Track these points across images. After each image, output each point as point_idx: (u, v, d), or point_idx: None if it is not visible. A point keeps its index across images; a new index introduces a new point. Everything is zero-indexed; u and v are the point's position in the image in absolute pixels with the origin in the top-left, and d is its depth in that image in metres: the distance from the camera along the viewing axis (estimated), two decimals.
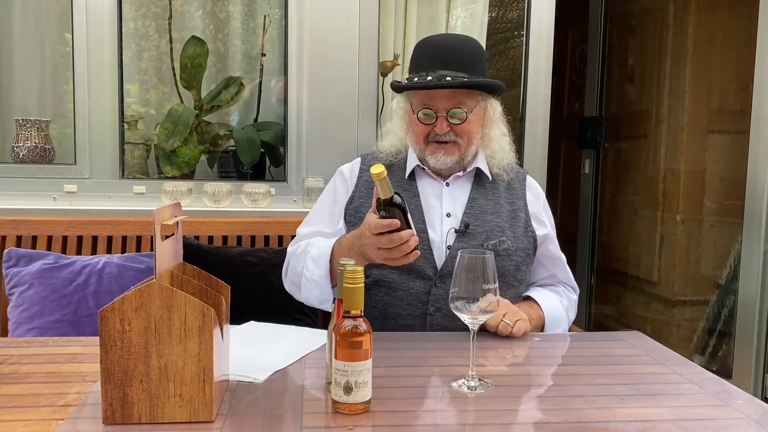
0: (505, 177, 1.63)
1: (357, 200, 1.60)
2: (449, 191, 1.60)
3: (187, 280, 1.06)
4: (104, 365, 0.92)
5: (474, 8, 2.51)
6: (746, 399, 1.09)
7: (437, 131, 1.53)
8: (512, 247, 1.55)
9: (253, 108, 2.58)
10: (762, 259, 2.46)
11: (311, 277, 1.49)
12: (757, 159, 2.48)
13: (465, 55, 1.55)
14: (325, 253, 1.48)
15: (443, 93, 1.52)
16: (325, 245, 1.50)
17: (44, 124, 2.35)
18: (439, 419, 1.01)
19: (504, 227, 1.56)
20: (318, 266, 1.48)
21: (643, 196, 3.30)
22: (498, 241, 1.53)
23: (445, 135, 1.54)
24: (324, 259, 1.48)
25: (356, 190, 1.62)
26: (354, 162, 1.71)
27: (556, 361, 1.34)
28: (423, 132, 1.56)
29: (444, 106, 1.52)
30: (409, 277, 1.52)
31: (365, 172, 1.63)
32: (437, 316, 1.50)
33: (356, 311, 0.99)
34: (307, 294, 1.52)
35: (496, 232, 1.55)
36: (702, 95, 2.99)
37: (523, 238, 1.59)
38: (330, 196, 1.68)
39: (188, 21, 2.52)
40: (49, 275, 1.84)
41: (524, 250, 1.58)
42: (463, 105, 1.53)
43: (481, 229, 1.54)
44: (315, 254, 1.50)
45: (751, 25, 2.57)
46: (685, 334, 3.08)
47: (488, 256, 1.10)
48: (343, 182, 1.67)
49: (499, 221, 1.57)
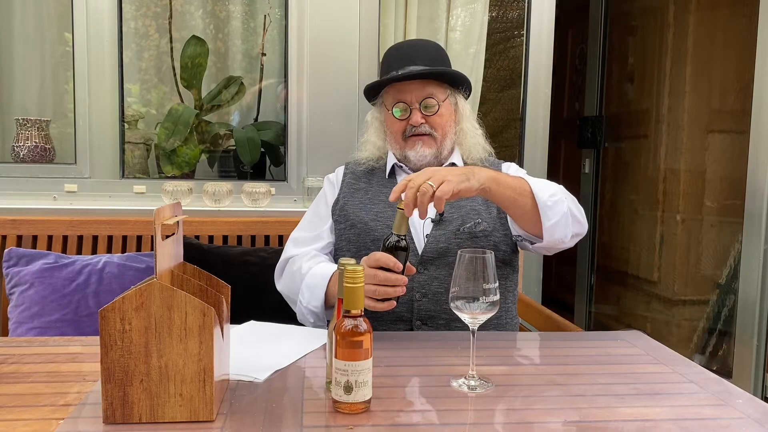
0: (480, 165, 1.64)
1: (341, 200, 1.67)
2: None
3: (188, 280, 1.06)
4: (104, 365, 0.92)
5: (474, 8, 2.51)
6: (746, 398, 1.09)
7: (412, 123, 1.60)
8: (489, 228, 1.57)
9: (254, 108, 2.58)
10: (762, 258, 2.46)
11: (307, 306, 1.52)
12: (757, 158, 2.48)
13: (429, 52, 1.68)
14: (321, 283, 1.50)
15: (413, 86, 1.60)
16: (321, 274, 1.51)
17: (44, 123, 2.35)
18: (439, 419, 1.01)
19: (480, 210, 1.58)
20: (313, 296, 1.50)
21: (643, 196, 3.31)
22: (473, 224, 1.56)
23: (421, 126, 1.60)
24: (320, 290, 1.49)
25: (341, 192, 1.69)
26: (338, 169, 1.78)
27: (557, 360, 1.34)
28: (400, 128, 1.63)
29: (415, 98, 1.60)
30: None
31: (347, 176, 1.72)
32: (424, 301, 1.53)
33: (356, 311, 0.99)
34: (302, 318, 1.57)
35: (471, 215, 1.57)
36: (702, 95, 2.99)
37: (497, 220, 1.59)
38: (321, 199, 1.75)
39: (188, 20, 2.52)
40: (50, 275, 1.84)
41: (501, 231, 1.58)
42: (434, 96, 1.61)
43: (456, 214, 1.57)
44: (311, 283, 1.52)
45: (751, 24, 2.57)
46: (685, 334, 3.08)
47: (488, 256, 1.10)
48: (331, 187, 1.74)
49: (473, 204, 1.59)
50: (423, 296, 1.53)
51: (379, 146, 1.71)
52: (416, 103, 1.60)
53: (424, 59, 1.63)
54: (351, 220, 1.61)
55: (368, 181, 1.70)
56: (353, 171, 1.74)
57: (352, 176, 1.72)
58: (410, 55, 1.64)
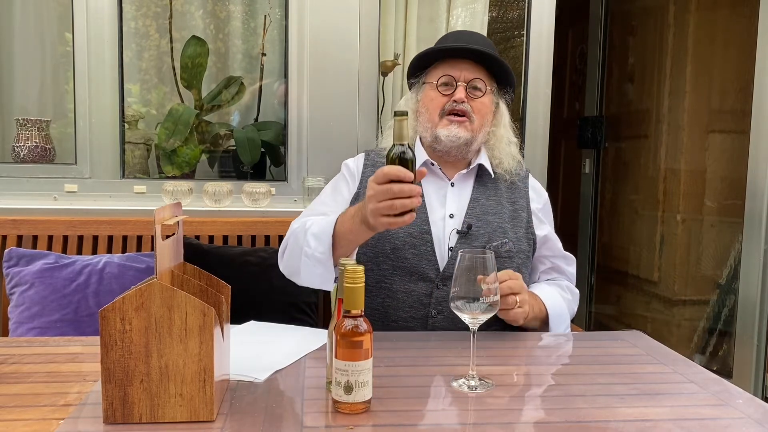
0: (508, 177, 1.64)
1: (361, 197, 1.56)
2: (453, 192, 1.60)
3: (188, 280, 1.06)
4: (105, 365, 0.92)
5: (474, 8, 2.51)
6: (746, 398, 1.09)
7: (456, 98, 1.54)
8: (514, 249, 1.55)
9: (254, 108, 2.58)
10: (762, 258, 2.46)
11: (312, 254, 1.40)
12: (757, 158, 2.48)
13: (486, 41, 1.65)
14: (327, 228, 1.39)
15: (466, 65, 1.56)
16: (328, 220, 1.43)
17: (45, 123, 2.35)
18: (439, 419, 1.01)
19: (506, 228, 1.56)
20: (320, 242, 1.39)
21: (643, 196, 3.31)
22: (500, 243, 1.53)
23: (462, 104, 1.54)
24: (326, 235, 1.39)
25: (361, 186, 1.60)
26: (358, 157, 1.69)
27: (557, 360, 1.34)
28: (440, 104, 1.56)
29: (465, 76, 1.55)
30: (410, 279, 1.51)
31: (369, 168, 1.62)
32: (439, 318, 1.49)
33: (357, 311, 0.99)
34: (307, 273, 1.44)
35: (498, 233, 1.54)
36: (702, 95, 2.99)
37: (523, 240, 1.58)
38: (337, 184, 1.66)
39: (189, 21, 2.52)
40: (50, 275, 1.84)
41: (525, 252, 1.59)
42: (483, 81, 1.57)
43: (483, 230, 1.54)
44: (316, 230, 1.42)
45: (751, 24, 2.56)
46: (685, 334, 3.08)
47: (488, 256, 1.10)
48: (350, 175, 1.64)
49: (501, 222, 1.56)
50: (439, 313, 1.49)
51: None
52: (464, 81, 1.55)
53: (482, 44, 1.60)
54: None
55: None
56: (374, 163, 1.63)
57: (372, 170, 1.60)
58: (468, 39, 1.61)
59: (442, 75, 1.57)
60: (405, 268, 1.50)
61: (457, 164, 1.62)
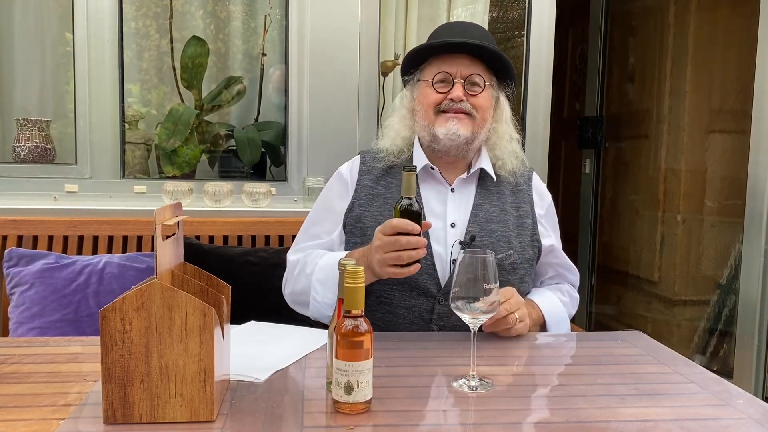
0: (512, 179, 1.57)
1: (357, 208, 1.53)
2: (454, 198, 1.53)
3: (188, 280, 1.06)
4: (105, 365, 0.92)
5: (474, 8, 2.51)
6: (747, 399, 1.09)
7: (453, 97, 1.47)
8: (518, 260, 1.50)
9: (254, 108, 2.58)
10: (763, 258, 2.46)
11: (322, 301, 1.45)
12: (757, 158, 2.48)
13: (483, 32, 1.56)
14: (332, 274, 1.41)
15: (462, 60, 1.48)
16: (330, 264, 1.44)
17: (45, 123, 2.35)
18: (439, 419, 1.01)
19: (510, 237, 1.51)
20: (327, 288, 1.44)
21: (643, 196, 3.30)
22: (504, 256, 1.47)
23: (461, 103, 1.47)
24: (333, 281, 1.41)
25: (356, 196, 1.54)
26: (353, 161, 1.62)
27: (557, 360, 1.34)
28: (435, 100, 1.49)
29: (462, 72, 1.48)
30: (411, 295, 1.47)
31: (365, 175, 1.56)
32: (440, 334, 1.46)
33: (357, 311, 0.99)
34: (319, 315, 1.48)
35: (502, 243, 1.49)
36: (703, 95, 2.99)
37: (528, 248, 1.53)
38: (327, 202, 1.60)
39: (189, 21, 2.52)
40: (50, 275, 1.84)
41: (529, 261, 1.54)
42: (482, 77, 1.49)
43: (487, 240, 1.48)
44: (322, 277, 1.45)
45: (751, 24, 2.56)
46: (685, 334, 3.08)
47: (488, 256, 1.10)
48: (343, 186, 1.58)
49: (505, 230, 1.51)
50: (440, 329, 1.47)
51: (403, 136, 1.56)
52: (461, 78, 1.47)
53: (479, 36, 1.51)
54: (369, 235, 1.41)
55: (387, 184, 1.54)
56: (370, 168, 1.57)
57: (369, 177, 1.55)
58: (463, 32, 1.51)
59: (437, 72, 1.49)
60: (405, 283, 1.45)
61: (458, 165, 1.55)
